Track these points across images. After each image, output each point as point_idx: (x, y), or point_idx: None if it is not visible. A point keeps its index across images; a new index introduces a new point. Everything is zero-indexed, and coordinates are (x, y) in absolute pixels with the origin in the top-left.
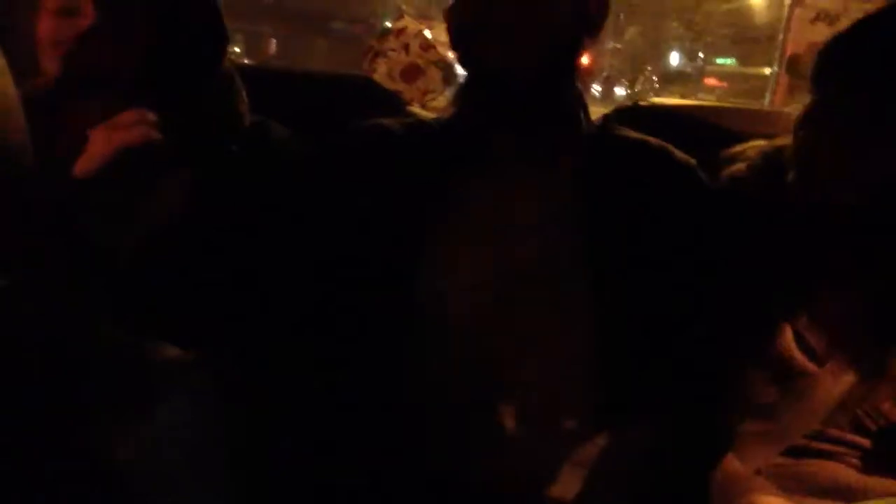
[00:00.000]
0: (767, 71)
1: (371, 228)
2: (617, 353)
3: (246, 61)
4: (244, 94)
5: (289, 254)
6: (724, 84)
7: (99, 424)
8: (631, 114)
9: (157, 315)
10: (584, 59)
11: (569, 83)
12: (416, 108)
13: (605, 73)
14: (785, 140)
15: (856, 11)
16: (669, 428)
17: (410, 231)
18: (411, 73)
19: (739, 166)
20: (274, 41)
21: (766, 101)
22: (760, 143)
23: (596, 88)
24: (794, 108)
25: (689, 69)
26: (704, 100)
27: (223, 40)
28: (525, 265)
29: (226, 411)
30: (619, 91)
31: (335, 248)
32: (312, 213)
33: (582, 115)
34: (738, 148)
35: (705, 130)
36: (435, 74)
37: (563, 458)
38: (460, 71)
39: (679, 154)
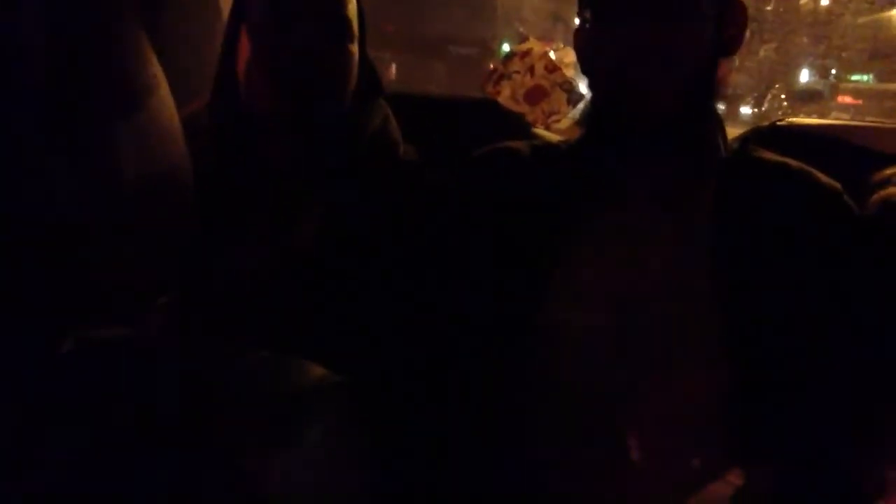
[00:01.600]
0: None
1: (498, 252)
2: (750, 388)
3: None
4: (395, 122)
5: (421, 275)
6: (860, 102)
7: (244, 454)
8: (770, 134)
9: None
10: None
11: (706, 105)
12: (540, 130)
13: (729, 91)
14: None
15: None
16: (805, 471)
17: (538, 256)
18: (536, 95)
19: (893, 190)
20: (394, 65)
21: None
22: None
23: (720, 107)
24: None
25: (820, 86)
26: (839, 119)
27: (378, 77)
28: (655, 293)
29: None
30: (745, 110)
31: (464, 271)
32: (446, 238)
33: (719, 138)
34: (890, 170)
35: (849, 152)
36: (560, 96)
37: (688, 494)
38: (584, 91)
39: (823, 178)
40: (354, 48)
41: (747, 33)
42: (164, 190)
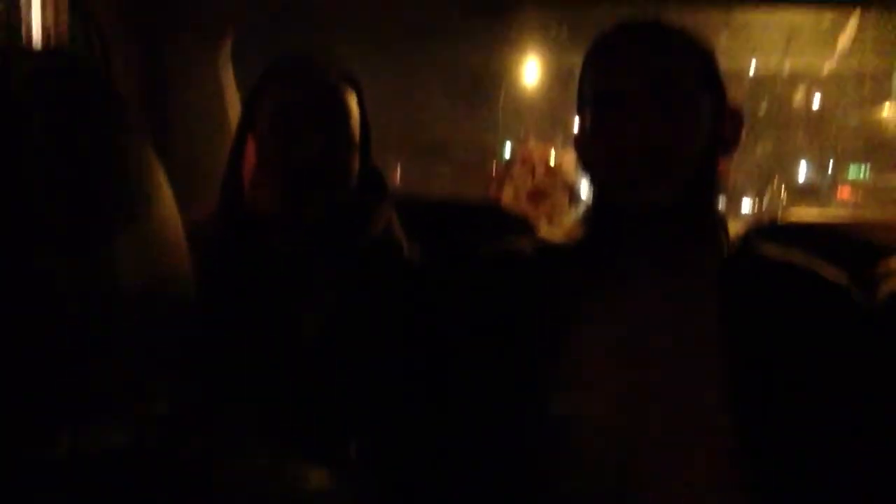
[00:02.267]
0: None
1: (506, 349)
2: (762, 481)
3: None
4: (399, 225)
5: (429, 373)
6: (859, 196)
7: None
8: (771, 230)
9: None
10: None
11: (707, 201)
12: (543, 231)
13: (730, 188)
14: None
15: None
16: None
17: (544, 352)
18: (538, 196)
19: None
20: (399, 168)
21: None
22: None
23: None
24: None
25: (819, 181)
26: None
27: (384, 181)
28: (661, 387)
29: None
30: (746, 206)
31: (472, 367)
32: (453, 336)
33: (722, 235)
34: (893, 262)
35: (849, 245)
36: (561, 197)
37: None
38: (585, 190)
39: (829, 273)
40: (355, 156)
41: (746, 131)
42: (165, 298)
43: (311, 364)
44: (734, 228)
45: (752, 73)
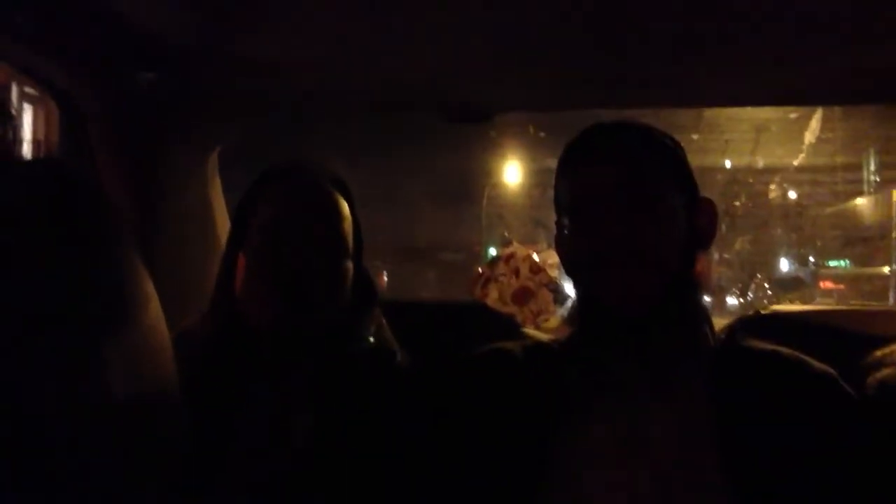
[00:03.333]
0: (886, 269)
1: (497, 456)
2: None
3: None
4: (389, 330)
5: (421, 481)
6: (842, 286)
7: None
8: (755, 323)
9: None
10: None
11: (689, 298)
12: (530, 331)
13: (715, 284)
14: None
15: None
16: None
17: (537, 457)
18: (523, 295)
19: (888, 371)
20: (385, 273)
21: (892, 299)
22: None
23: (707, 300)
24: None
25: (801, 274)
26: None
27: (374, 286)
28: (655, 488)
29: None
30: (731, 301)
31: (463, 475)
32: (446, 443)
33: (707, 329)
34: (882, 351)
35: (833, 336)
36: (546, 296)
37: None
38: (570, 290)
39: (816, 364)
40: (349, 263)
41: (722, 227)
42: (153, 407)
43: (302, 475)
44: (721, 323)
45: (726, 168)
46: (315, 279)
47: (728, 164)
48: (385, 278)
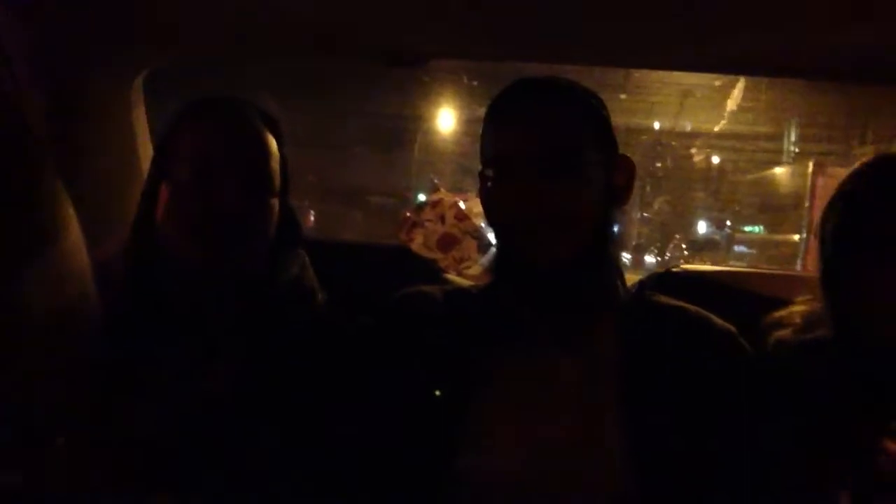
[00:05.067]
0: (796, 237)
1: (414, 398)
2: None
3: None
4: (312, 270)
5: (336, 421)
6: (754, 251)
7: None
8: (665, 280)
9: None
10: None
11: (604, 254)
12: (452, 276)
13: (634, 242)
14: (819, 303)
15: None
16: None
17: (451, 401)
18: (447, 242)
19: (785, 331)
20: (312, 213)
21: (799, 266)
22: (802, 307)
23: (626, 257)
24: None
25: (717, 237)
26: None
27: (299, 226)
28: (564, 438)
29: None
30: (650, 259)
31: (380, 416)
32: (362, 383)
33: (619, 284)
34: (780, 312)
35: (738, 296)
36: (470, 244)
37: None
38: (493, 239)
39: (719, 321)
40: (275, 201)
41: (647, 188)
42: (71, 325)
43: (220, 415)
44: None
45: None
46: (238, 216)
47: (653, 125)
48: (312, 219)
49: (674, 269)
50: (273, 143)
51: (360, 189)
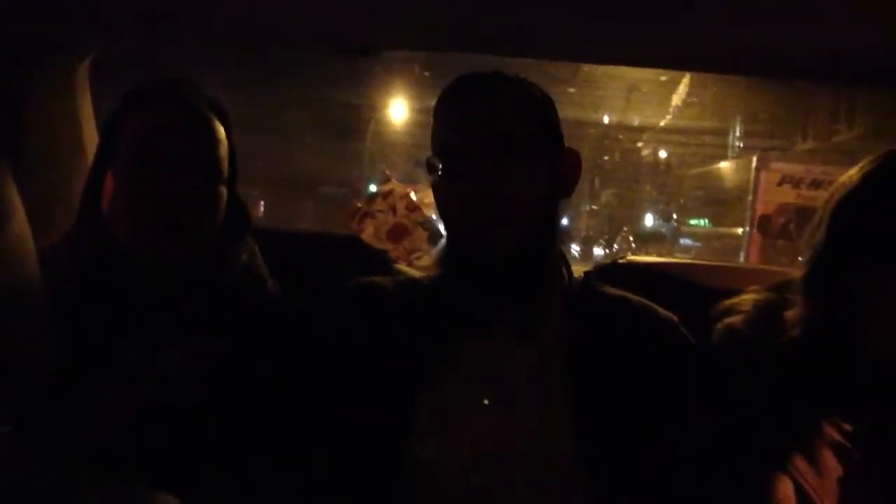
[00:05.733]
0: (740, 230)
1: (363, 388)
2: None
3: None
4: (261, 258)
5: (285, 412)
6: (699, 244)
7: None
8: (611, 271)
9: (154, 473)
10: (564, 221)
11: (549, 244)
12: (402, 267)
13: (583, 234)
14: (773, 294)
15: (818, 174)
16: None
17: (402, 392)
18: (398, 232)
19: (735, 318)
20: (262, 202)
21: (742, 258)
22: (753, 296)
23: (575, 249)
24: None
25: (664, 229)
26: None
27: (247, 213)
28: (516, 429)
29: None
30: (598, 251)
31: (329, 408)
32: (311, 373)
33: (565, 273)
34: (730, 302)
35: (682, 286)
36: (420, 234)
37: None
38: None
39: (661, 311)
40: (223, 188)
41: (596, 182)
42: (15, 315)
43: (167, 403)
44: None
45: (599, 123)
46: (186, 203)
47: (601, 119)
48: (262, 208)
49: (620, 261)
50: (221, 130)
51: (310, 179)
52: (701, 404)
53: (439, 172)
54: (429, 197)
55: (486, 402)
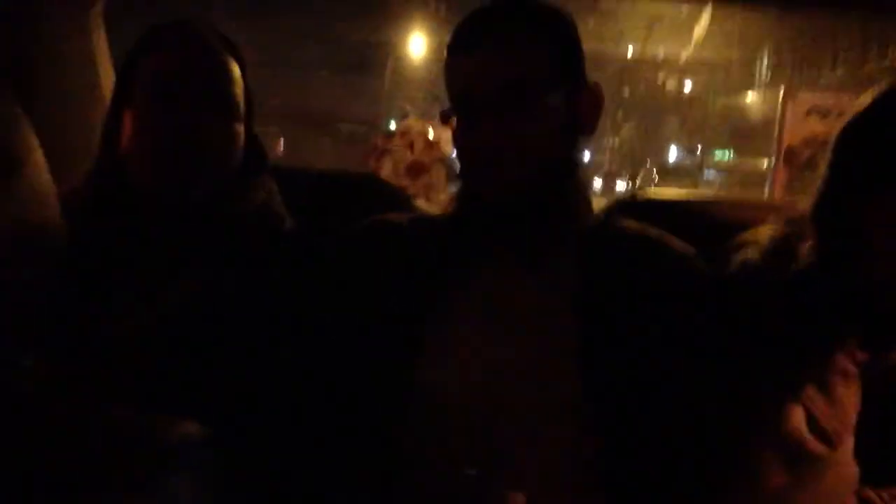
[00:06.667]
0: (764, 163)
1: (377, 318)
2: (614, 441)
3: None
4: (279, 197)
5: (298, 340)
6: (723, 177)
7: (103, 495)
8: (630, 205)
9: (169, 395)
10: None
11: (569, 180)
12: (421, 203)
13: (605, 169)
14: (789, 227)
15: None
16: None
17: (413, 321)
18: (416, 170)
19: (750, 251)
20: (282, 140)
21: (766, 191)
22: (768, 229)
23: (598, 183)
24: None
25: (687, 162)
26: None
27: (264, 152)
28: (522, 357)
29: (229, 490)
30: (621, 185)
31: (342, 334)
32: (325, 304)
33: (583, 208)
34: (746, 235)
35: (703, 221)
36: (439, 171)
37: None
38: None
39: (678, 243)
40: (240, 127)
41: (618, 114)
42: (36, 249)
43: (182, 338)
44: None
45: (626, 56)
46: (203, 140)
47: (623, 52)
48: (282, 145)
49: (639, 195)
50: (236, 69)
51: (329, 115)
52: (715, 335)
53: (454, 114)
54: (447, 133)
55: (492, 328)
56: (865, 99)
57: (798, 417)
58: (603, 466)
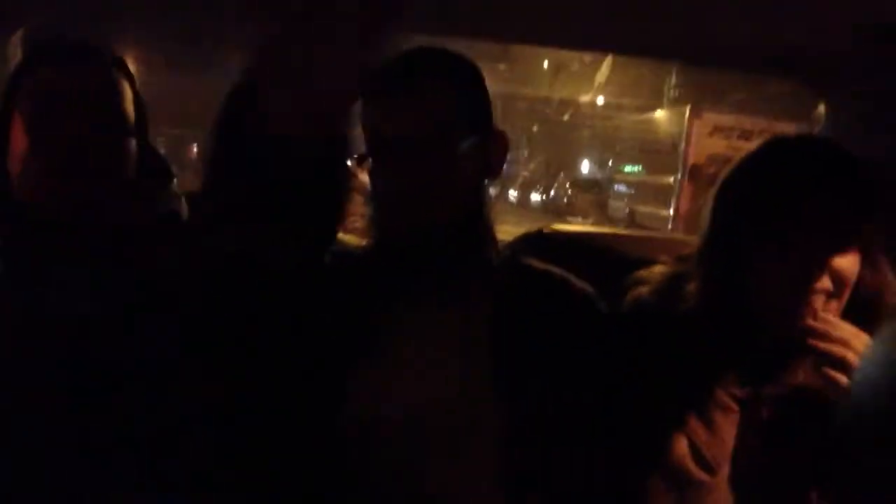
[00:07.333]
0: (671, 179)
1: (297, 355)
2: (526, 472)
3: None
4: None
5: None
6: (633, 190)
7: None
8: (537, 241)
9: None
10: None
11: (475, 221)
12: (339, 234)
13: (520, 180)
14: (680, 266)
15: (748, 125)
16: None
17: (338, 360)
18: None
19: (643, 289)
20: (195, 145)
21: (672, 206)
22: (661, 268)
23: (513, 194)
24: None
25: (599, 176)
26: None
27: (166, 165)
28: (438, 391)
29: None
30: (535, 196)
31: (264, 372)
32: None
33: (490, 243)
34: (642, 272)
35: (606, 257)
36: (357, 200)
37: None
38: None
39: (578, 284)
40: (131, 140)
41: (534, 128)
42: None
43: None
44: (526, 214)
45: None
46: (91, 150)
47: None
48: (195, 149)
49: (545, 231)
50: (124, 84)
51: None
52: (608, 370)
53: (367, 151)
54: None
55: (411, 368)
56: (751, 147)
57: (682, 446)
58: (520, 491)
